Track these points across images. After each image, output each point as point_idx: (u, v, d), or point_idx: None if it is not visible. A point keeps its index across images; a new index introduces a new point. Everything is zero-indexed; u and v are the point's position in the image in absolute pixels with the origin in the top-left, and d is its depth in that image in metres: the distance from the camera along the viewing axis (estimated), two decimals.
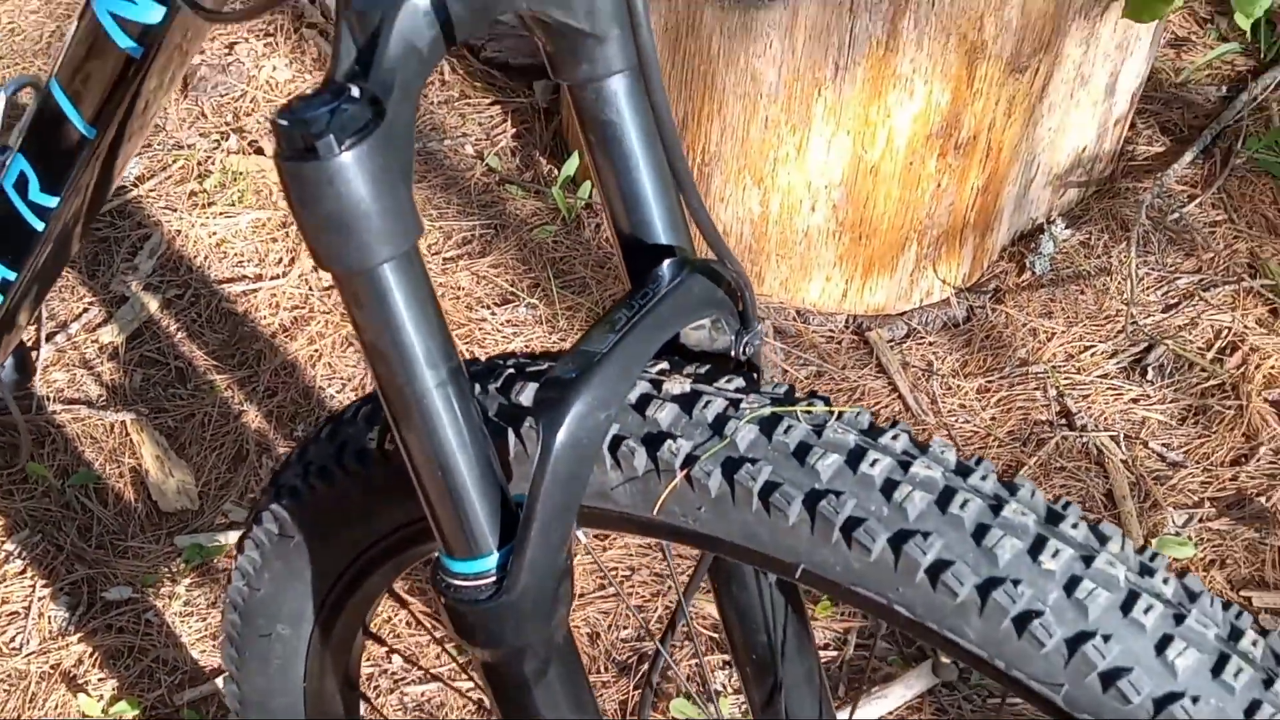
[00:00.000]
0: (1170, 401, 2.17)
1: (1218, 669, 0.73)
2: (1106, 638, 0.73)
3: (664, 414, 0.83)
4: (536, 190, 2.34)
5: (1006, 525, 0.76)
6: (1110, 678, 0.73)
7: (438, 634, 1.79)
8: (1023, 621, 0.74)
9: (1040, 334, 2.24)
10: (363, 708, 1.27)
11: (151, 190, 2.36)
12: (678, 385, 0.84)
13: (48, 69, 1.87)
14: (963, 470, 0.79)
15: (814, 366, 2.16)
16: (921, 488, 0.77)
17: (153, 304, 2.20)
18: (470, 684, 1.75)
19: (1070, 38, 2.13)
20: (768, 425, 0.80)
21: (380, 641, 1.35)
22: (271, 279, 2.25)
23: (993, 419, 2.13)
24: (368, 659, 1.78)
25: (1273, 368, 2.19)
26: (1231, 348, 2.23)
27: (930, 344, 2.23)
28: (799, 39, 1.97)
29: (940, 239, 2.19)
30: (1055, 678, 0.75)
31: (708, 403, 0.82)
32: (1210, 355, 2.22)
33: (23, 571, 1.89)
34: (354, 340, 2.13)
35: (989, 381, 2.18)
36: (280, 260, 2.28)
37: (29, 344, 1.45)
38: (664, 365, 0.86)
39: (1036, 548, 0.75)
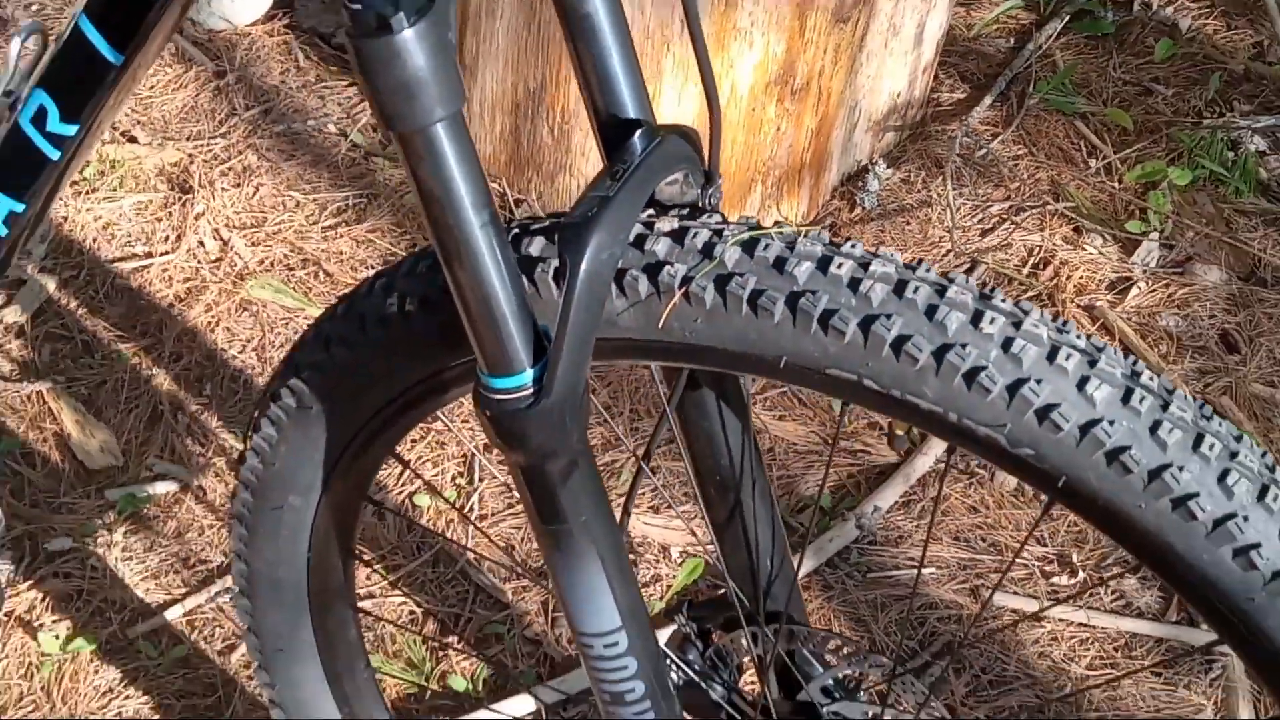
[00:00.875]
0: None
1: (1126, 398, 0.92)
2: (1038, 381, 0.92)
3: (660, 246, 0.99)
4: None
5: (950, 303, 0.93)
6: (1043, 413, 0.91)
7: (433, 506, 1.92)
8: (971, 376, 0.92)
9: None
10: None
11: None
12: (668, 224, 1.00)
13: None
14: (910, 267, 0.96)
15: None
16: (880, 281, 0.94)
17: (50, 285, 2.29)
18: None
19: None
20: (749, 245, 0.97)
21: (379, 505, 1.49)
22: (162, 255, 2.35)
23: None
24: None
25: (1081, 278, 2.44)
26: (1044, 263, 2.47)
27: None
28: (646, 2, 2.14)
29: (781, 179, 2.38)
30: (1000, 419, 0.93)
31: (695, 234, 0.99)
32: (1026, 270, 2.46)
33: None
34: (249, 305, 2.25)
35: None
36: (167, 238, 2.38)
37: None
38: (650, 213, 1.03)
39: (976, 318, 0.93)
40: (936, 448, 2.16)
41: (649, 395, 2.18)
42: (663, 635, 1.22)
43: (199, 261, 2.35)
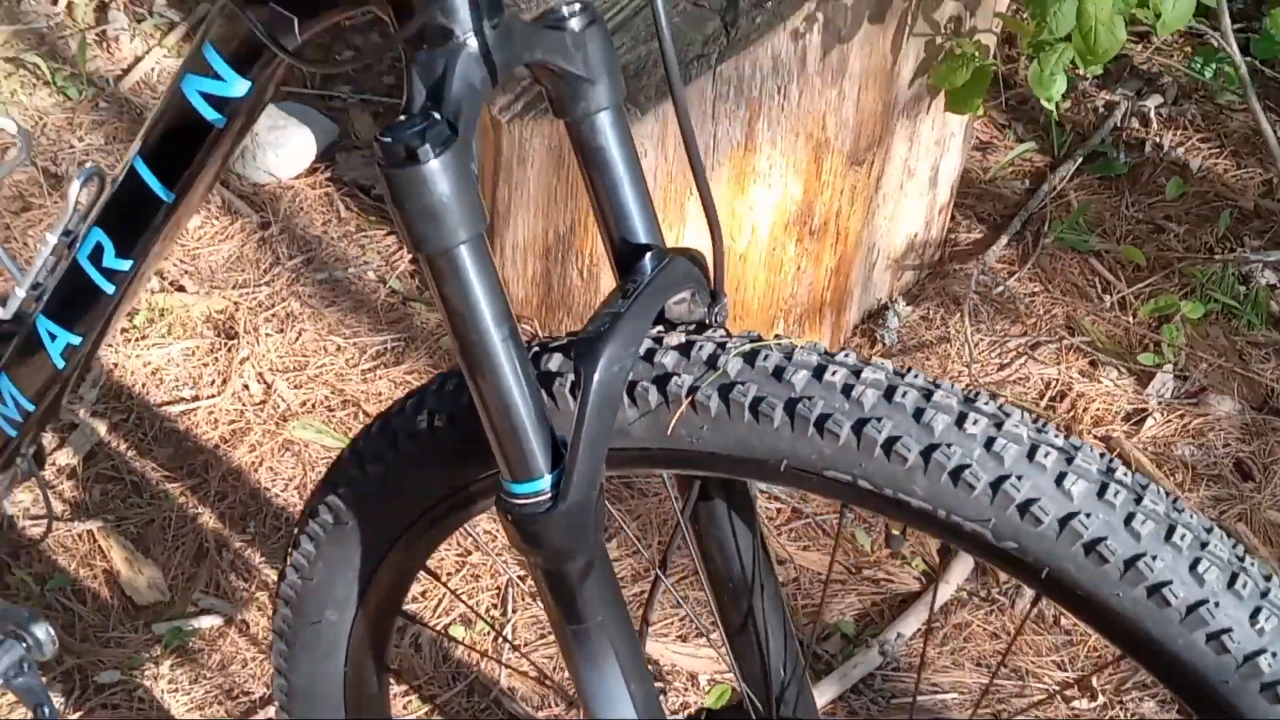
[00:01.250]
0: None
1: (1101, 492, 0.98)
2: (1019, 477, 0.98)
3: (668, 359, 1.06)
4: None
5: (937, 406, 1.00)
6: (1024, 507, 0.98)
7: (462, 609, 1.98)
8: (956, 474, 0.98)
9: None
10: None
11: None
12: (675, 338, 1.08)
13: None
14: (899, 374, 1.04)
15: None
16: (871, 387, 1.01)
17: (101, 428, 2.38)
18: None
19: (897, 135, 2.44)
20: (749, 356, 1.05)
21: (412, 619, 1.55)
22: (208, 398, 2.44)
23: None
24: None
25: (1097, 409, 2.50)
26: (1060, 395, 2.53)
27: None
28: (670, 146, 2.24)
29: (803, 316, 2.47)
30: (985, 515, 0.99)
31: (700, 347, 1.06)
32: (1044, 403, 2.52)
33: None
34: (291, 445, 2.33)
35: None
36: (213, 382, 2.48)
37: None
38: (660, 329, 1.10)
39: (961, 420, 1.00)
40: (958, 576, 2.21)
41: (664, 510, 2.24)
42: None
43: (243, 404, 2.44)
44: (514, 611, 2.14)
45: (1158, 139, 3.15)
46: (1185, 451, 2.43)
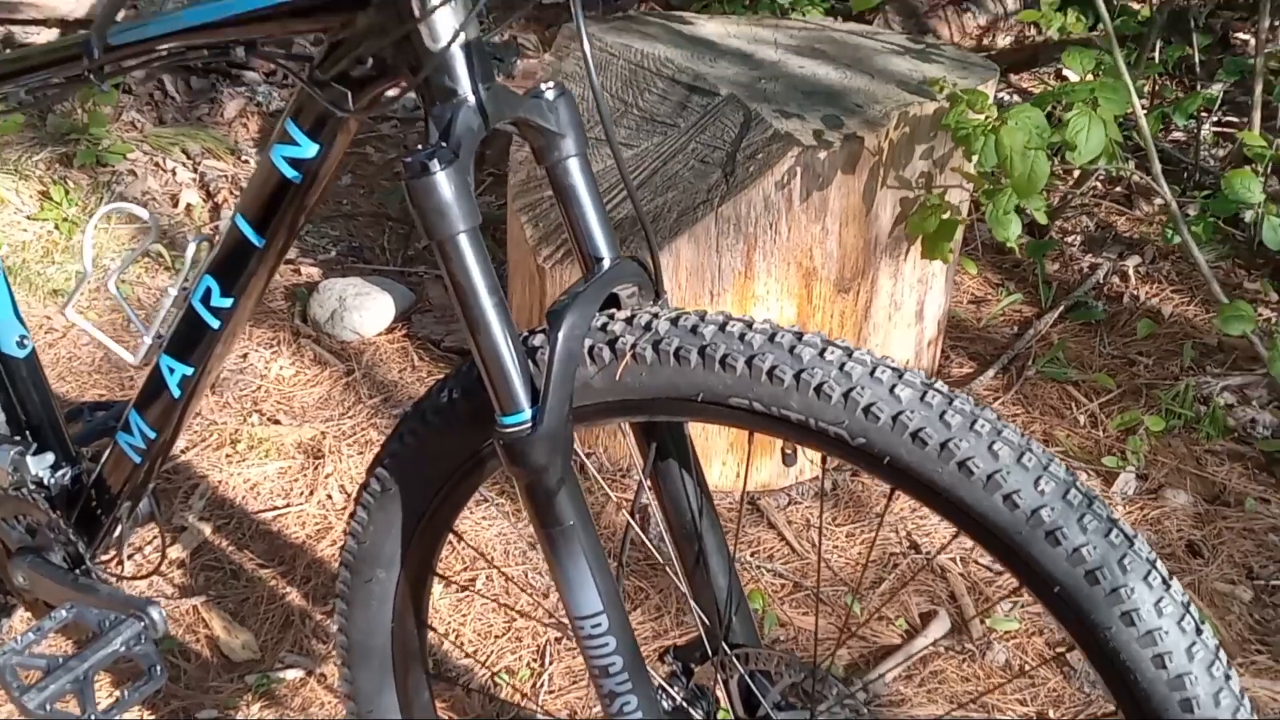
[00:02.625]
0: None
1: (922, 396, 1.33)
2: (863, 388, 1.33)
3: (617, 326, 1.43)
4: None
5: (805, 344, 1.36)
6: (868, 409, 1.32)
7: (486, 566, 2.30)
8: (819, 388, 1.33)
9: (891, 497, 2.85)
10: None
11: (196, 455, 2.95)
12: (623, 314, 1.45)
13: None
14: (776, 327, 1.40)
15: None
16: (759, 334, 1.37)
17: (206, 529, 2.76)
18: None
19: (881, 270, 2.82)
20: (674, 319, 1.41)
21: (445, 580, 1.87)
22: (297, 505, 2.82)
23: (858, 553, 2.72)
24: None
25: None
26: None
27: (806, 507, 2.83)
28: (682, 276, 2.63)
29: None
30: (840, 418, 1.33)
31: (640, 317, 1.43)
32: None
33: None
34: None
35: (854, 529, 2.78)
36: (302, 493, 2.86)
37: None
38: (613, 310, 1.47)
39: (821, 352, 1.35)
40: (935, 632, 2.51)
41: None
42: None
43: (327, 510, 2.81)
44: (551, 663, 2.47)
45: (1135, 292, 3.51)
46: (1143, 536, 2.72)
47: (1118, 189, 3.92)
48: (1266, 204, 2.97)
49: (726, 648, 1.62)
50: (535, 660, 2.49)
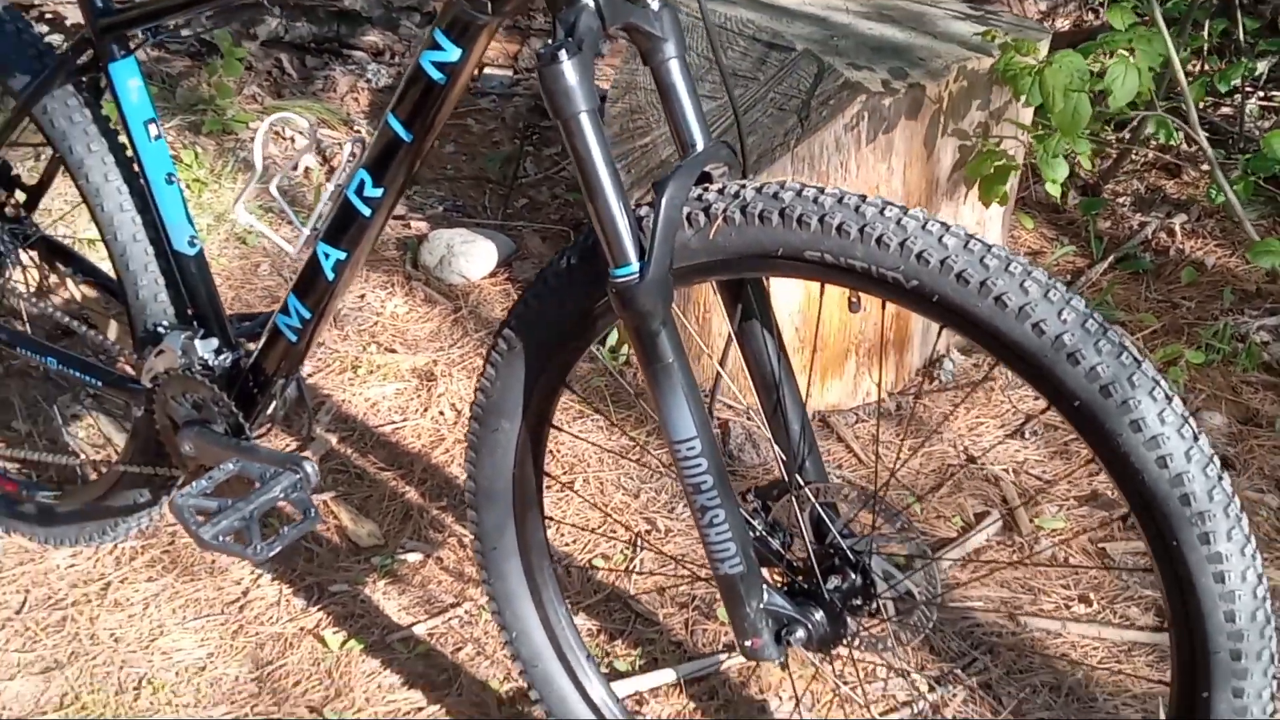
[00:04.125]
0: (1042, 449, 3.01)
1: (965, 245, 1.57)
2: (915, 238, 1.58)
3: (710, 195, 1.69)
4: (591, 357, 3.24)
5: (869, 204, 1.61)
6: (919, 255, 1.57)
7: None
8: (879, 239, 1.58)
9: (949, 416, 3.10)
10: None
11: (321, 378, 3.23)
12: (715, 185, 1.71)
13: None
14: (845, 192, 1.65)
15: None
16: (830, 197, 1.63)
17: (333, 439, 3.04)
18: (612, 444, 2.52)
19: (941, 211, 3.06)
20: (759, 189, 1.67)
21: (559, 429, 2.14)
22: (414, 420, 3.10)
23: (919, 465, 2.96)
24: None
25: None
26: None
27: (872, 425, 3.08)
28: None
29: (870, 351, 3.06)
30: (897, 264, 1.58)
31: (728, 188, 1.69)
32: None
33: (272, 581, 2.67)
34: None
35: (915, 444, 3.02)
36: (418, 410, 3.14)
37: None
38: (706, 184, 1.73)
39: (881, 210, 1.60)
40: (988, 531, 2.75)
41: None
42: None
43: (439, 424, 3.09)
44: (640, 551, 2.73)
45: (1180, 246, 3.73)
46: None
47: (1167, 157, 4.13)
48: None
49: (801, 480, 1.87)
50: (627, 549, 2.75)
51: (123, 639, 2.51)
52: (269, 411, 2.25)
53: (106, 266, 2.35)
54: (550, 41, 1.63)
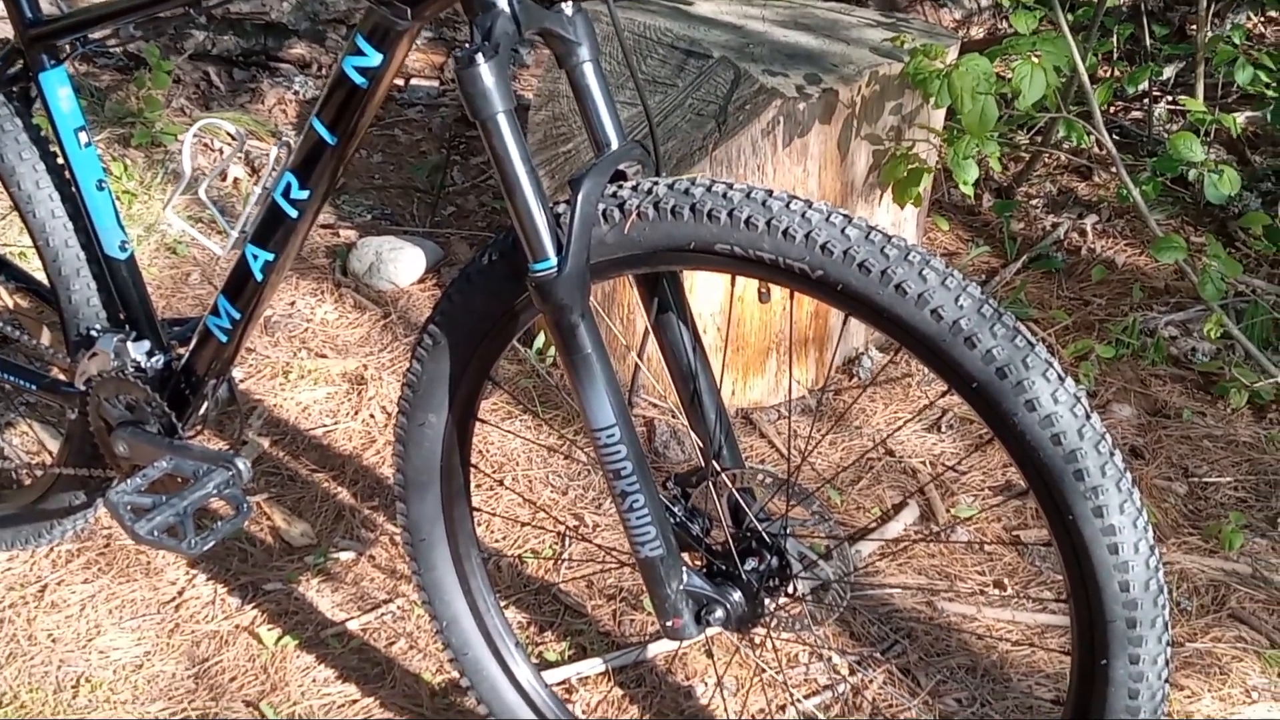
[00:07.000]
0: (958, 443, 3.10)
1: (866, 236, 1.65)
2: (819, 230, 1.65)
3: (624, 192, 1.75)
4: (518, 360, 3.30)
5: (775, 198, 1.68)
6: (824, 247, 1.65)
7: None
8: (786, 231, 1.66)
9: (867, 411, 3.18)
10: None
11: (253, 383, 3.27)
12: (629, 183, 1.77)
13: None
14: (753, 187, 1.72)
15: None
16: (738, 192, 1.70)
17: (265, 443, 3.09)
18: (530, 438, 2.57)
19: (857, 213, 3.13)
20: (670, 184, 1.73)
21: (484, 422, 2.19)
22: (344, 423, 3.15)
23: (839, 458, 3.04)
24: None
25: None
26: None
27: (793, 420, 3.15)
28: None
29: (791, 349, 3.14)
30: (803, 255, 1.65)
31: (642, 185, 1.75)
32: None
33: (207, 581, 2.71)
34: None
35: (835, 437, 3.10)
36: (348, 413, 3.18)
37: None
38: (621, 182, 1.80)
39: (787, 204, 1.68)
40: (906, 519, 2.83)
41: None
42: None
43: (370, 427, 3.14)
44: (570, 545, 2.79)
45: (1091, 245, 3.84)
46: None
47: (1079, 160, 4.24)
48: (1206, 163, 3.28)
49: (718, 467, 1.94)
50: (556, 544, 2.81)
51: (60, 639, 2.54)
52: (201, 412, 2.29)
53: (40, 275, 2.39)
54: (468, 45, 1.69)
